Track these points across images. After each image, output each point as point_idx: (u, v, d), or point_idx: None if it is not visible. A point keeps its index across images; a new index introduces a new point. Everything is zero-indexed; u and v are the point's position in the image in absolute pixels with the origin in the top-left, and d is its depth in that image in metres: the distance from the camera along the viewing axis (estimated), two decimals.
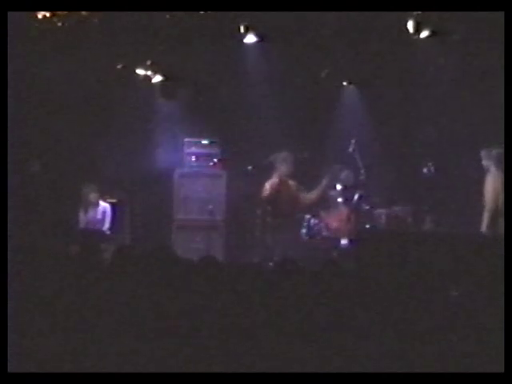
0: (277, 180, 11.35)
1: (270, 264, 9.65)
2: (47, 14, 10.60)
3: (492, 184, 9.88)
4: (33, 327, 5.31)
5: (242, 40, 11.37)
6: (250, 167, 11.73)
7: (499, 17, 7.42)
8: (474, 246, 8.37)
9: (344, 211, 11.45)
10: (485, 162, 10.04)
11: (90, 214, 11.66)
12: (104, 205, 11.78)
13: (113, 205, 11.91)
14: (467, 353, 4.88)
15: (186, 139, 12.72)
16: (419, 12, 10.41)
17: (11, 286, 5.40)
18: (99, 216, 11.68)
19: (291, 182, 11.56)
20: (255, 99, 12.56)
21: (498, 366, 4.76)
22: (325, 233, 11.48)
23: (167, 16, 10.76)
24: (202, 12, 10.52)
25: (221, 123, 12.62)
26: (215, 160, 12.62)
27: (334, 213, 11.57)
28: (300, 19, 10.77)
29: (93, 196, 11.63)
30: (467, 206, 10.78)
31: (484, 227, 9.78)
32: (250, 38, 11.31)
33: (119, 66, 12.11)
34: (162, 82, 12.59)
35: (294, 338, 5.12)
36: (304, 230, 11.58)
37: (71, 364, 5.11)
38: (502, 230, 9.24)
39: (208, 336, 5.20)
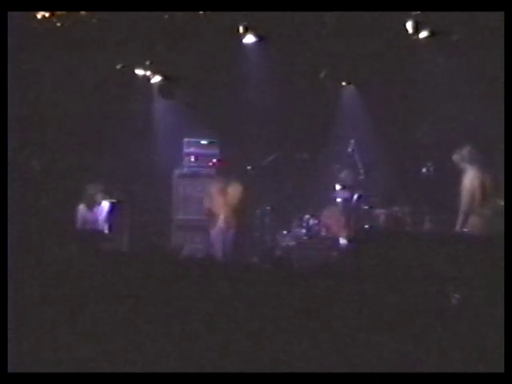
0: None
1: (269, 264, 9.65)
2: (46, 14, 10.59)
3: (469, 184, 9.88)
4: (33, 327, 5.31)
5: (241, 40, 11.36)
6: (249, 167, 11.75)
7: (499, 17, 7.42)
8: (472, 246, 8.36)
9: (343, 211, 11.45)
10: (460, 165, 10.03)
11: (89, 213, 11.64)
12: (103, 205, 11.76)
13: (112, 205, 11.89)
14: (467, 353, 4.88)
15: (186, 139, 12.71)
16: (418, 12, 10.41)
17: (11, 286, 5.40)
18: (98, 216, 11.66)
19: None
20: (254, 99, 12.56)
21: (498, 366, 4.76)
22: (324, 233, 11.48)
23: (166, 16, 10.76)
24: (201, 12, 10.53)
25: (220, 123, 12.61)
26: (214, 160, 12.62)
27: (333, 213, 11.57)
28: (299, 19, 10.76)
29: (92, 196, 11.61)
30: None
31: (458, 227, 9.78)
32: (249, 38, 11.31)
33: (118, 66, 12.11)
34: (161, 81, 12.59)
35: (293, 337, 5.12)
36: (303, 231, 11.59)
37: (71, 364, 5.11)
38: (477, 230, 9.31)
39: (207, 335, 5.20)
